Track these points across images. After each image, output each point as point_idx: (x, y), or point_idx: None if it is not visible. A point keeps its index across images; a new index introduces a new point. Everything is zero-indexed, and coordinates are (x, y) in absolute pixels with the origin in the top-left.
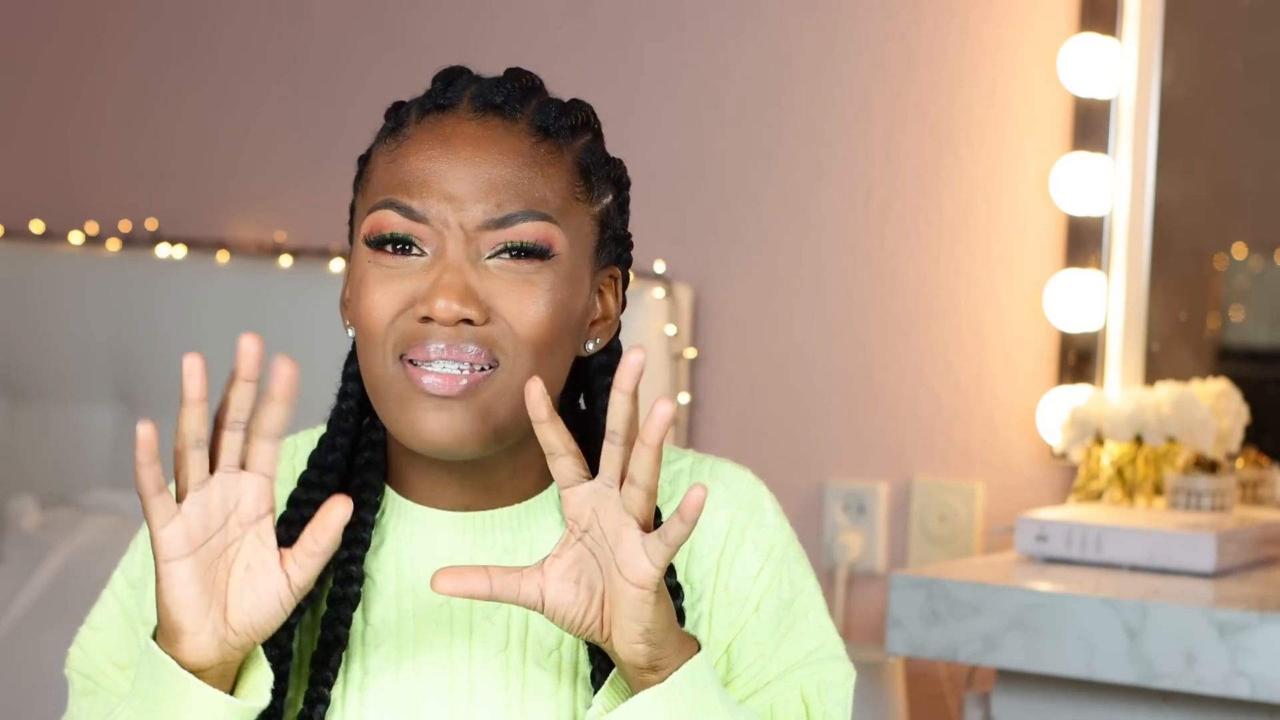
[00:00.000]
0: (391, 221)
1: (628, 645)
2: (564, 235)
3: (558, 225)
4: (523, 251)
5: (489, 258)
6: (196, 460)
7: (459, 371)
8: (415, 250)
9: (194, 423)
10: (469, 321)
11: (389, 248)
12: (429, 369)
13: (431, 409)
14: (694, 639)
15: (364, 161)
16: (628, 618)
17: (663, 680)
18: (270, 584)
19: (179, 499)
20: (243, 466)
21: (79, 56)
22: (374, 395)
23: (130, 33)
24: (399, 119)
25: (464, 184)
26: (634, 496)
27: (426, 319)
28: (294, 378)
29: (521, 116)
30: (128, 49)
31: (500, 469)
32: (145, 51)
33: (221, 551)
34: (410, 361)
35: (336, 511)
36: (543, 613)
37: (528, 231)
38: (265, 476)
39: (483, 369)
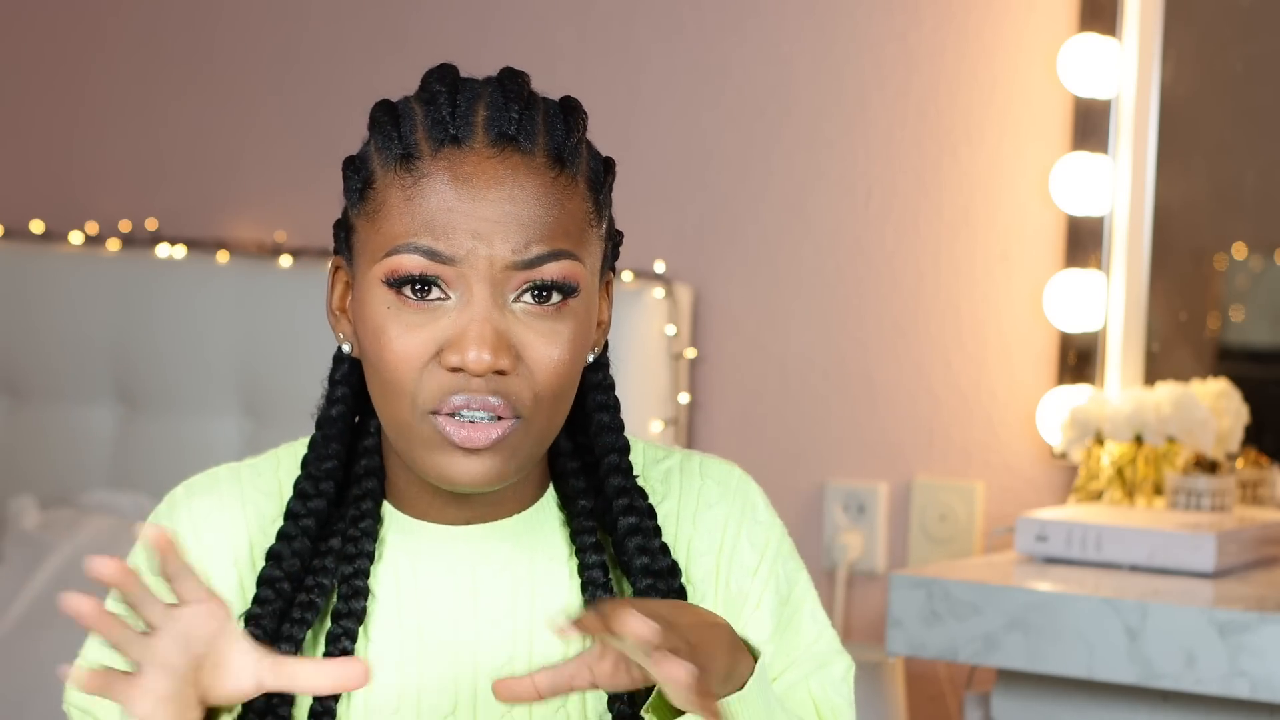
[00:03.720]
0: (416, 264)
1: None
2: (585, 269)
3: (580, 261)
4: (549, 290)
5: (514, 300)
6: (135, 641)
7: (487, 420)
8: (438, 293)
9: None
10: (499, 371)
11: (410, 290)
12: (458, 421)
13: (461, 457)
14: (746, 648)
15: (365, 180)
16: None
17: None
18: (245, 676)
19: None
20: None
21: (80, 57)
22: (395, 437)
23: (131, 33)
24: (406, 146)
25: (489, 222)
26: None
27: (456, 368)
28: (162, 539)
29: (537, 148)
30: (128, 49)
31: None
32: (146, 52)
33: (192, 674)
34: (434, 413)
35: (354, 678)
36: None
37: (554, 271)
38: (201, 603)
39: (506, 418)
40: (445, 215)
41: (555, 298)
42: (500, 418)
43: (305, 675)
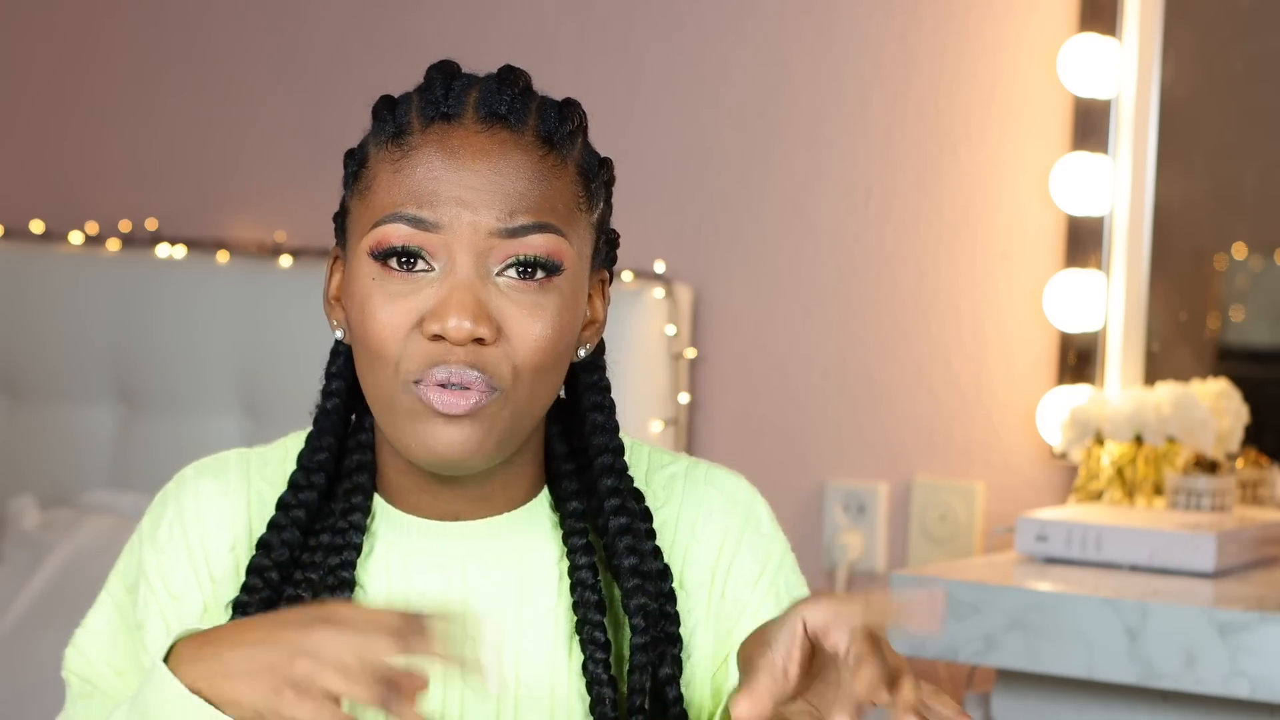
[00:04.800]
0: (400, 234)
1: None
2: (571, 248)
3: (566, 239)
4: (533, 266)
5: (498, 274)
6: None
7: (466, 388)
8: (422, 265)
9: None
10: (479, 340)
11: (395, 262)
12: (438, 388)
13: (442, 425)
14: None
15: (359, 161)
16: None
17: None
18: None
19: None
20: None
21: (79, 56)
22: (379, 411)
23: (130, 33)
24: (399, 124)
25: (475, 191)
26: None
27: (437, 337)
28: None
29: (527, 128)
30: (128, 49)
31: (493, 478)
32: (145, 51)
33: None
34: (418, 381)
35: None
36: None
37: (539, 244)
38: None
39: (486, 391)
40: (431, 184)
41: (539, 274)
42: (478, 390)
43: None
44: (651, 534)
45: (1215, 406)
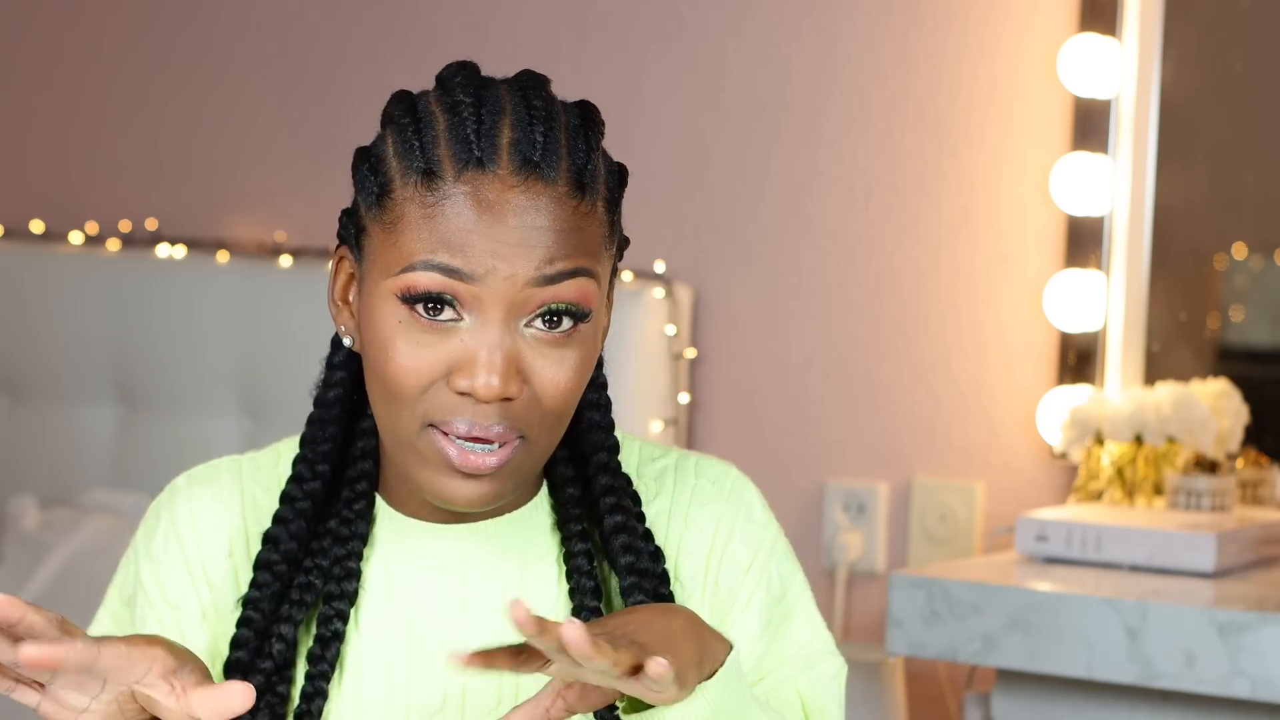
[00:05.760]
0: (434, 282)
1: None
2: (598, 288)
3: (595, 279)
4: (562, 315)
5: (525, 325)
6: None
7: (488, 450)
8: (450, 313)
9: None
10: (506, 398)
11: (422, 307)
12: (459, 445)
13: (459, 479)
14: (716, 633)
15: (381, 185)
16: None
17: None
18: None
19: None
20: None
21: (79, 57)
22: (390, 442)
23: (130, 33)
24: (429, 162)
25: (509, 246)
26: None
27: (464, 392)
28: (11, 606)
29: (559, 175)
30: (128, 49)
31: None
32: (146, 52)
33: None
34: (434, 426)
35: (236, 701)
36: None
37: (571, 291)
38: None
39: (509, 443)
40: (464, 236)
41: (566, 323)
42: (503, 444)
43: (196, 703)
44: (649, 535)
45: (1215, 406)
